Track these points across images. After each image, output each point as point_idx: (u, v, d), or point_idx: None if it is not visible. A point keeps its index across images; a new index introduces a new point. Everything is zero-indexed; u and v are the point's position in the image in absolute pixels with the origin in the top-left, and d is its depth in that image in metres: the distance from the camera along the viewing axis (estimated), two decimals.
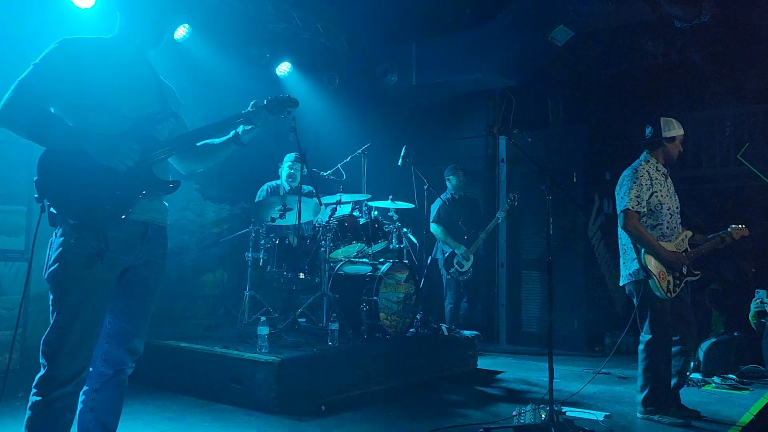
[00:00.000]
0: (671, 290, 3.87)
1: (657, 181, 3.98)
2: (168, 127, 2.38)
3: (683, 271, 3.93)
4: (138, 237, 2.27)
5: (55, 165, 2.11)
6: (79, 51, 2.20)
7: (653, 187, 3.94)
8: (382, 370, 4.78)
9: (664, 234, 3.98)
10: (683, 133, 4.13)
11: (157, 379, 4.46)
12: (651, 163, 4.05)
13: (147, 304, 2.38)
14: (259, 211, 5.31)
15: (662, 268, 3.85)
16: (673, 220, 4.02)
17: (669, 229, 3.99)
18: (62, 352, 2.09)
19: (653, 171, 4.01)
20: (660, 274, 3.83)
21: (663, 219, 3.98)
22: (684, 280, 3.95)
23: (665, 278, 3.84)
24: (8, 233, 4.75)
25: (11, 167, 4.68)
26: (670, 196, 4.06)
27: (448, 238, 6.48)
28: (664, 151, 4.07)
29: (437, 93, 7.95)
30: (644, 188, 3.91)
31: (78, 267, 2.09)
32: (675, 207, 4.07)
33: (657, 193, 3.95)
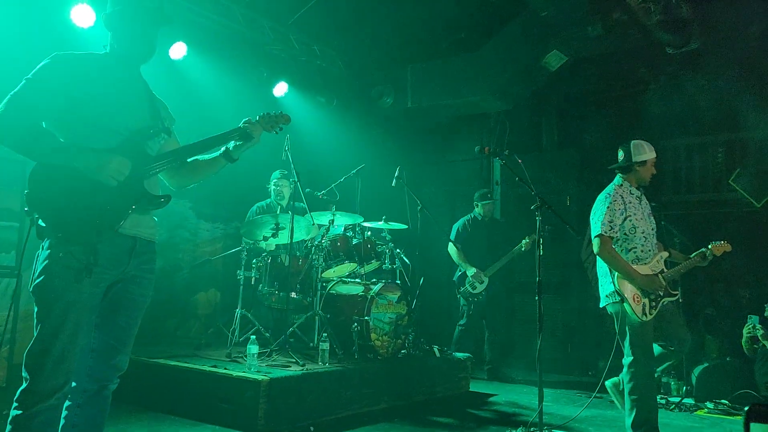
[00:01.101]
0: (647, 313, 3.86)
1: (631, 204, 4.01)
2: (160, 142, 2.40)
3: (659, 293, 3.93)
4: (126, 251, 2.27)
5: (46, 178, 2.12)
6: (71, 66, 2.22)
7: (627, 211, 3.97)
8: (372, 392, 4.74)
9: (639, 257, 4.00)
10: (655, 156, 4.17)
11: (144, 397, 4.41)
12: (624, 187, 4.09)
13: (133, 320, 2.37)
14: (252, 229, 5.31)
15: (636, 291, 3.86)
16: (647, 243, 4.03)
17: (643, 252, 4.01)
18: (45, 366, 2.08)
19: (627, 194, 4.04)
20: (634, 297, 3.84)
21: (637, 243, 4.00)
22: (661, 302, 3.94)
23: (639, 301, 3.85)
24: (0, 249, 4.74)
25: (5, 184, 4.69)
26: (645, 219, 4.07)
27: (459, 259, 6.49)
28: (636, 175, 4.11)
29: (432, 115, 8.03)
30: (617, 213, 3.94)
31: (64, 280, 2.09)
32: (650, 229, 4.09)
33: (631, 217, 3.98)
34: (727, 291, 7.33)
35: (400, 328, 5.31)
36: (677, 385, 5.81)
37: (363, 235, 5.66)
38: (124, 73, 2.37)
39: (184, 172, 2.54)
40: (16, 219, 4.77)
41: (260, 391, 3.89)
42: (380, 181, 6.33)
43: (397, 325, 5.29)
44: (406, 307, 5.41)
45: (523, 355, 7.49)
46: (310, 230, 5.35)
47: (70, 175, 2.13)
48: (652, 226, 4.13)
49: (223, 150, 2.53)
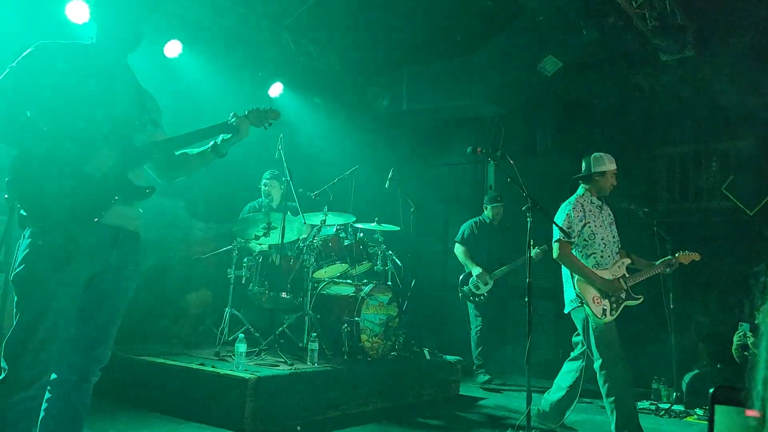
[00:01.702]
0: (608, 314, 4.02)
1: (591, 212, 4.21)
2: (146, 133, 2.38)
3: (621, 296, 4.09)
4: (109, 242, 2.25)
5: (28, 167, 2.10)
6: (56, 55, 2.20)
7: (586, 218, 4.16)
8: (361, 393, 4.71)
9: (599, 262, 4.17)
10: (614, 168, 4.38)
11: (130, 395, 4.38)
12: (586, 196, 4.30)
13: (116, 312, 2.34)
14: (245, 228, 5.29)
15: (596, 293, 4.02)
16: (607, 249, 4.21)
17: (603, 258, 4.18)
18: (24, 355, 2.05)
19: (587, 203, 4.25)
20: (594, 299, 4.01)
21: (596, 248, 4.18)
22: (622, 306, 4.10)
23: (600, 303, 4.01)
24: None
25: None
26: (605, 227, 4.25)
27: (466, 258, 6.42)
28: (596, 185, 4.32)
29: (427, 118, 8.04)
30: (576, 219, 4.14)
31: (44, 269, 2.07)
32: (610, 237, 4.27)
33: (590, 224, 4.16)
34: (719, 299, 7.33)
35: (391, 330, 5.29)
36: (667, 392, 5.80)
37: (355, 236, 5.64)
38: (110, 63, 2.36)
39: (172, 164, 2.52)
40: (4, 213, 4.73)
41: (247, 389, 3.87)
42: (374, 183, 6.33)
43: (387, 326, 5.27)
44: (397, 309, 5.39)
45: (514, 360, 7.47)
46: (302, 230, 5.33)
47: (53, 164, 2.11)
48: (613, 234, 4.33)
49: (211, 144, 2.52)
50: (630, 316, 7.39)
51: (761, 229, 6.94)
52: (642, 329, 7.33)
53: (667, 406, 5.41)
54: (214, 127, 2.48)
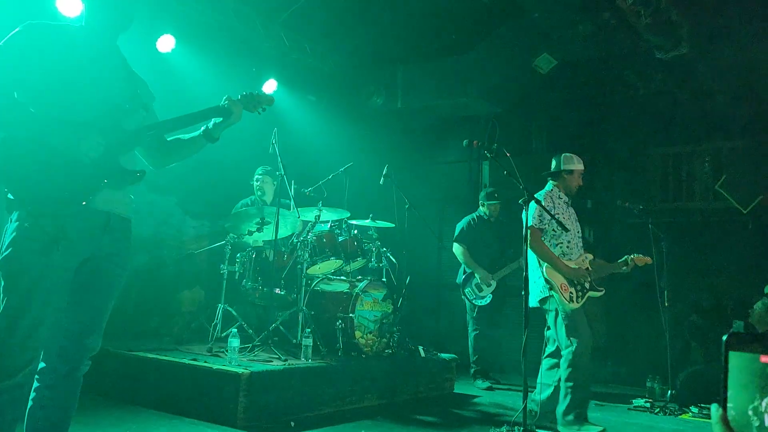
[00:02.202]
0: (575, 300, 4.20)
1: (559, 206, 4.40)
2: (137, 118, 2.33)
3: (585, 285, 4.29)
4: (99, 227, 2.20)
5: (15, 149, 2.04)
6: (45, 36, 2.16)
7: (555, 210, 4.33)
8: (355, 390, 4.67)
9: (565, 252, 4.36)
10: (582, 168, 4.56)
11: (121, 390, 4.32)
12: (554, 191, 4.50)
13: (107, 299, 2.29)
14: (237, 223, 5.24)
15: (563, 280, 4.19)
16: (573, 241, 4.39)
17: (569, 248, 4.37)
18: (10, 342, 2.00)
19: (556, 198, 4.45)
20: (561, 285, 4.18)
21: (563, 239, 4.36)
22: (587, 294, 4.28)
23: (567, 290, 4.20)
24: None
25: None
26: (571, 222, 4.43)
27: (466, 259, 6.20)
28: (564, 182, 4.52)
29: (422, 116, 8.02)
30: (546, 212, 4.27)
31: (32, 253, 2.02)
32: (575, 231, 4.45)
33: (558, 215, 4.32)
34: (712, 297, 7.34)
35: (385, 327, 5.26)
36: (662, 390, 5.79)
37: (350, 233, 5.60)
38: (100, 45, 2.31)
39: (163, 150, 2.47)
40: None
41: (240, 384, 3.82)
42: (368, 180, 6.29)
43: (382, 323, 5.24)
44: (391, 306, 5.35)
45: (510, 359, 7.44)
46: (296, 225, 5.29)
47: (40, 147, 2.06)
48: (578, 230, 4.52)
49: (203, 128, 2.47)
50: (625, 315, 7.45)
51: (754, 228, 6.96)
52: (636, 328, 7.35)
53: (662, 404, 5.40)
54: (206, 110, 2.44)
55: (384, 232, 5.94)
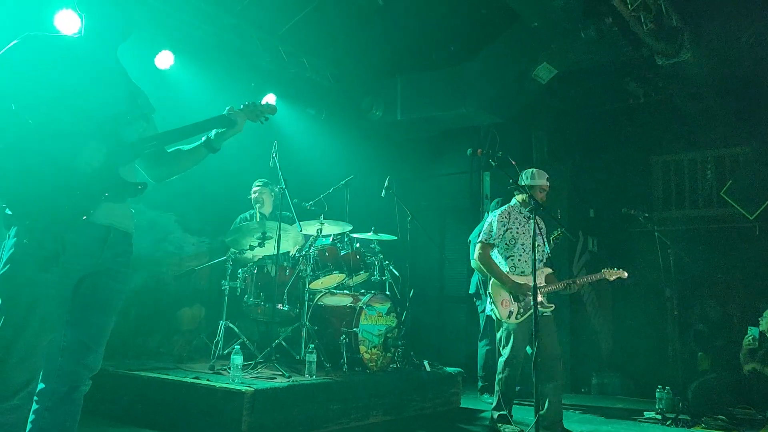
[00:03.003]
0: (513, 317, 4.35)
1: (516, 220, 4.58)
2: (137, 129, 2.27)
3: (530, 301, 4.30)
4: (99, 242, 2.13)
5: (13, 162, 1.98)
6: (43, 47, 2.11)
7: (509, 225, 4.53)
8: (360, 406, 4.57)
9: (516, 265, 4.51)
10: (543, 183, 4.62)
11: (123, 411, 4.22)
12: (515, 206, 4.68)
13: (107, 316, 2.21)
14: (238, 238, 5.17)
15: (506, 296, 4.37)
16: (525, 254, 4.51)
17: (520, 262, 4.51)
18: (7, 362, 1.92)
19: (515, 212, 4.63)
20: (502, 302, 4.36)
21: (515, 252, 4.52)
22: (529, 312, 4.31)
23: (508, 306, 4.35)
24: None
25: None
26: (527, 234, 4.53)
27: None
28: (525, 197, 4.59)
29: (422, 128, 7.98)
30: (499, 225, 4.54)
31: (30, 270, 1.95)
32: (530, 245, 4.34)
33: (512, 229, 4.53)
34: (718, 306, 7.26)
35: (390, 341, 5.17)
36: (672, 401, 5.68)
37: (352, 246, 5.53)
38: (99, 56, 2.25)
39: (164, 161, 2.41)
40: None
41: (244, 402, 3.72)
42: (369, 193, 6.24)
43: (386, 337, 5.14)
44: (395, 320, 5.27)
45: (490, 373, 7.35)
46: (298, 240, 5.22)
47: (39, 159, 2.00)
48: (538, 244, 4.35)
49: (204, 139, 2.41)
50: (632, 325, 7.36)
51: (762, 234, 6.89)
52: (644, 338, 7.26)
53: (673, 416, 5.28)
54: (208, 120, 2.38)
55: (386, 244, 5.87)
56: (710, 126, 7.49)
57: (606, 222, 7.66)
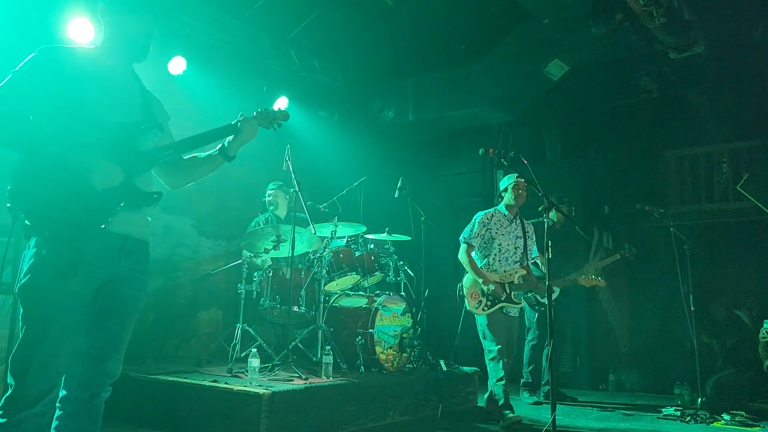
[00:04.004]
0: (481, 308, 4.72)
1: (498, 222, 4.90)
2: (153, 138, 2.31)
3: (501, 297, 4.69)
4: (116, 250, 2.17)
5: (30, 174, 2.02)
6: (59, 59, 2.14)
7: (489, 226, 4.87)
8: (377, 406, 4.59)
9: (490, 263, 4.83)
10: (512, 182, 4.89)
11: (142, 415, 4.27)
12: (499, 210, 4.99)
13: (125, 323, 2.25)
14: (253, 241, 5.21)
15: (475, 289, 4.74)
16: (501, 254, 4.85)
17: (495, 261, 4.83)
18: (30, 370, 1.96)
19: (498, 215, 4.94)
20: (472, 294, 4.75)
21: (492, 251, 4.84)
22: (499, 305, 4.70)
23: (477, 298, 4.74)
24: None
25: None
26: (507, 236, 4.87)
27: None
28: (504, 201, 4.96)
29: (434, 128, 7.98)
30: (480, 225, 4.89)
31: (49, 279, 1.99)
32: (509, 246, 4.88)
33: (492, 230, 4.87)
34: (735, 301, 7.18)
35: (406, 341, 5.19)
36: (691, 397, 5.64)
37: (366, 247, 5.56)
38: (115, 67, 2.29)
39: (180, 169, 2.44)
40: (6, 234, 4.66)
41: (262, 405, 3.76)
42: (383, 194, 6.26)
43: (402, 338, 5.17)
44: (411, 320, 5.28)
45: None
46: (312, 242, 5.25)
47: (56, 170, 2.04)
48: (516, 245, 4.91)
49: (219, 146, 2.44)
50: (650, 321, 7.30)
51: None
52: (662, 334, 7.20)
53: (692, 412, 5.24)
54: (220, 129, 2.41)
55: (401, 245, 5.89)
56: (725, 119, 7.41)
57: (621, 218, 7.61)
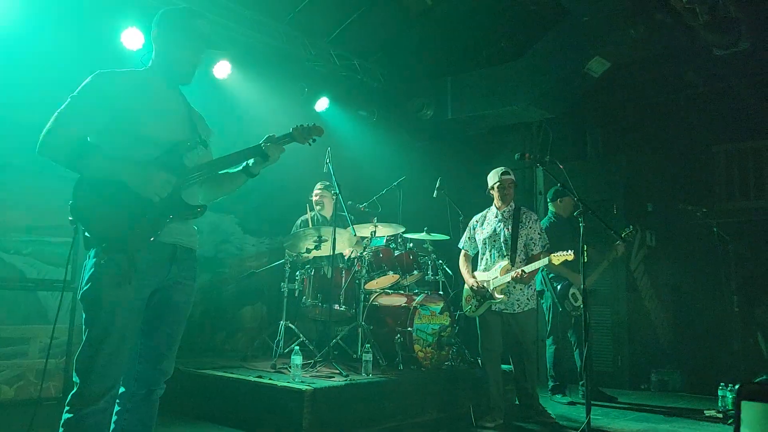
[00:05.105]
0: (473, 310, 4.84)
1: (488, 221, 4.91)
2: (198, 154, 2.47)
3: (485, 295, 4.73)
4: (167, 259, 2.34)
5: (89, 190, 2.20)
6: (113, 82, 2.31)
7: (479, 226, 4.95)
8: (416, 403, 4.70)
9: (487, 266, 4.85)
10: (496, 181, 4.84)
11: (192, 406, 4.50)
12: (491, 209, 4.97)
13: (177, 325, 2.43)
14: (295, 242, 5.38)
15: (468, 293, 4.86)
16: (487, 251, 4.85)
17: (484, 259, 4.89)
18: (93, 370, 2.15)
19: (489, 214, 4.95)
20: (467, 298, 4.90)
21: (483, 251, 4.91)
22: (484, 303, 4.75)
23: (470, 301, 4.86)
24: (56, 264, 4.94)
25: (62, 201, 4.88)
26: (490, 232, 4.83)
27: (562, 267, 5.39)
28: (494, 199, 4.93)
29: (473, 126, 8.00)
30: (471, 228, 5.02)
31: (107, 287, 2.17)
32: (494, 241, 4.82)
33: (479, 230, 4.93)
34: None
35: (444, 340, 5.27)
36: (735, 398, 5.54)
37: (405, 246, 5.66)
38: (164, 88, 2.46)
39: (214, 185, 2.61)
40: (70, 235, 4.95)
41: (304, 401, 3.91)
42: (421, 193, 6.34)
43: (440, 336, 5.25)
44: (449, 318, 5.36)
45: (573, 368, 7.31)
46: (353, 242, 5.38)
47: (111, 187, 2.21)
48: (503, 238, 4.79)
49: (243, 165, 2.59)
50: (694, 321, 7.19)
51: None
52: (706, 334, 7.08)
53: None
54: (249, 149, 2.55)
55: (439, 244, 5.96)
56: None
57: (665, 216, 7.49)
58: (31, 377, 4.65)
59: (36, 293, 4.79)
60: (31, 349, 4.67)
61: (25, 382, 4.61)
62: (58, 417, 2.21)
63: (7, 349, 4.56)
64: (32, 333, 4.69)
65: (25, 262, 4.81)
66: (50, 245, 4.93)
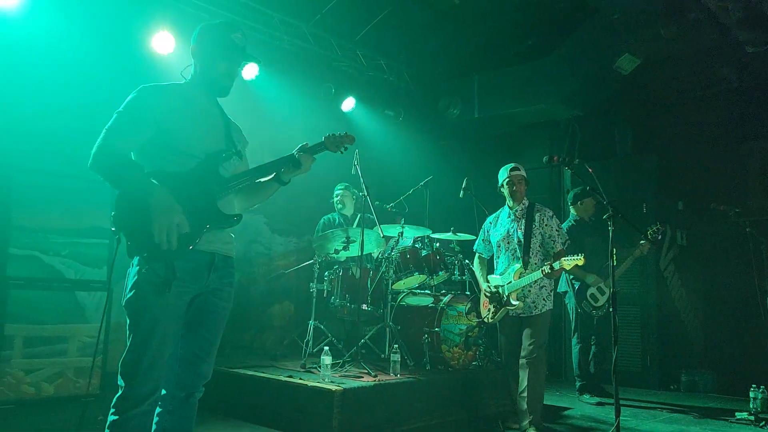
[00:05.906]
0: (489, 317, 4.57)
1: (501, 222, 4.68)
2: (234, 164, 2.54)
3: (500, 301, 4.48)
4: (205, 266, 2.41)
5: (129, 202, 2.27)
6: (156, 97, 2.39)
7: (492, 227, 4.71)
8: (444, 403, 4.74)
9: (496, 266, 4.65)
10: (506, 177, 4.63)
11: (225, 405, 4.61)
12: (504, 209, 4.73)
13: (215, 331, 2.51)
14: (324, 244, 5.44)
15: (485, 298, 4.63)
16: (502, 253, 4.59)
17: (497, 262, 4.65)
18: (137, 373, 2.23)
19: (502, 214, 4.72)
20: (484, 303, 4.66)
21: (497, 253, 4.65)
22: (501, 309, 4.48)
23: (486, 306, 4.61)
24: (92, 265, 5.08)
25: (98, 204, 5.03)
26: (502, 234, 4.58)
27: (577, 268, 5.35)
28: (505, 197, 4.67)
29: (500, 124, 7.97)
30: (484, 231, 4.78)
31: (149, 294, 2.24)
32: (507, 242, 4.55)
33: (489, 232, 4.73)
34: None
35: (471, 340, 5.30)
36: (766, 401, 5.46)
37: (432, 247, 5.69)
38: (204, 100, 2.54)
39: (249, 194, 2.69)
40: (106, 236, 5.10)
41: (334, 401, 3.98)
42: (448, 193, 6.34)
43: (467, 336, 5.28)
44: (476, 319, 5.38)
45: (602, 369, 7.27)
46: (380, 243, 5.43)
47: None
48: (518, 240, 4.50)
49: (274, 174, 2.65)
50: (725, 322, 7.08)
51: None
52: (738, 334, 6.97)
53: (767, 417, 5.10)
54: (284, 159, 2.63)
55: (466, 244, 5.96)
56: None
57: (696, 215, 7.38)
58: (70, 374, 4.80)
59: (74, 293, 4.94)
60: (70, 348, 4.82)
61: (64, 379, 4.76)
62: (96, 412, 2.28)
63: (47, 347, 4.72)
64: (71, 332, 4.84)
65: (63, 263, 4.96)
66: (86, 247, 5.07)
